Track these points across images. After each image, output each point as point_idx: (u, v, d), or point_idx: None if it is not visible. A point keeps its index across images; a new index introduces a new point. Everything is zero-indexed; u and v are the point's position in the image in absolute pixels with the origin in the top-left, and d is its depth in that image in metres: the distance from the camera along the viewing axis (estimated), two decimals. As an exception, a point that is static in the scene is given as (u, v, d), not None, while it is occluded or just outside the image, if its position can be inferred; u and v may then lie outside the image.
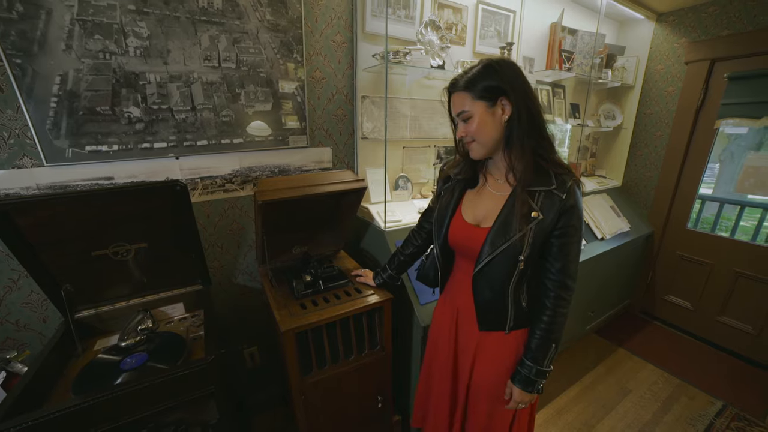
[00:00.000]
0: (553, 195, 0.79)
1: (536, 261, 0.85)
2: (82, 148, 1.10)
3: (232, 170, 1.38)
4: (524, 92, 0.79)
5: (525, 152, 0.80)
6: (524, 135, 0.79)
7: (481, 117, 0.80)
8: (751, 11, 1.91)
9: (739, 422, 1.72)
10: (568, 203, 0.79)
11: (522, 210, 0.80)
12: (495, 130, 0.81)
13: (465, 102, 0.82)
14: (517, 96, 0.78)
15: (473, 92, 0.80)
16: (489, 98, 0.79)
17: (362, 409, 1.31)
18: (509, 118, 0.79)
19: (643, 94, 2.48)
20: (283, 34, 1.31)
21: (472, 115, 0.81)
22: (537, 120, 0.80)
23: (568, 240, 0.81)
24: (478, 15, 1.77)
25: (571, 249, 0.82)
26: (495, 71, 0.79)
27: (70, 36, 0.98)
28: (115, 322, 1.18)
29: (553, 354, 0.87)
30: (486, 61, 0.81)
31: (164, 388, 0.87)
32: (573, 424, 1.73)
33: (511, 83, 0.78)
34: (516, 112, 0.78)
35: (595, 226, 2.14)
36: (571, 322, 2.14)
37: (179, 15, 1.13)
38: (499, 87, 0.78)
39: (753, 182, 1.99)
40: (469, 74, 0.81)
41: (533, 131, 0.80)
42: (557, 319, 0.85)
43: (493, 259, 0.84)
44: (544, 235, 0.81)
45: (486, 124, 0.81)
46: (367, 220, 1.56)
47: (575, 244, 0.83)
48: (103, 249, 1.08)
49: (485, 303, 0.91)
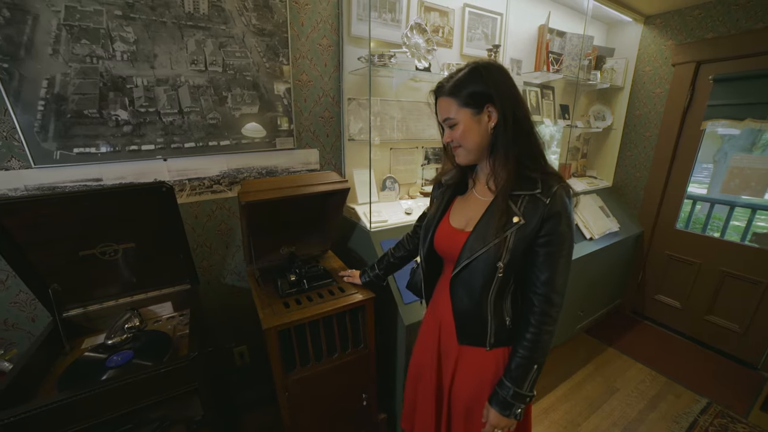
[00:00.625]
0: (537, 200, 0.75)
1: (520, 271, 0.81)
2: (70, 150, 1.12)
3: (219, 172, 1.40)
4: (512, 98, 0.77)
5: (509, 160, 0.78)
6: (509, 142, 0.77)
7: (467, 124, 0.78)
8: (734, 15, 1.94)
9: (722, 419, 1.74)
10: (553, 209, 0.74)
11: (501, 215, 0.77)
12: (481, 137, 0.79)
13: (451, 108, 0.79)
14: (504, 102, 0.76)
15: (459, 99, 0.78)
16: (475, 105, 0.77)
17: (347, 407, 1.33)
18: (495, 125, 0.77)
19: (632, 96, 2.51)
20: (269, 38, 1.34)
21: (458, 122, 0.79)
22: (524, 126, 0.78)
23: (554, 250, 0.76)
24: (464, 18, 1.79)
25: (557, 260, 0.77)
26: (482, 76, 0.76)
27: (57, 41, 1.01)
28: (103, 321, 1.19)
29: (535, 376, 0.80)
30: (473, 65, 0.78)
31: (147, 384, 0.89)
32: (559, 422, 1.75)
33: (498, 89, 0.76)
34: (502, 119, 0.76)
35: (584, 226, 2.16)
36: (561, 322, 2.14)
37: (165, 20, 1.16)
38: (486, 93, 0.76)
39: (738, 183, 2.01)
40: (455, 79, 0.79)
41: (519, 138, 0.77)
42: (542, 337, 0.79)
43: (471, 263, 0.81)
44: (526, 241, 0.77)
45: (471, 131, 0.79)
46: (354, 220, 1.59)
47: (563, 257, 0.77)
48: (91, 249, 1.10)
49: (463, 311, 0.87)
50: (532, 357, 0.79)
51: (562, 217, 0.75)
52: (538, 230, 0.76)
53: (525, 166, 0.78)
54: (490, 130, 0.78)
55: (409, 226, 1.52)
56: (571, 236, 0.77)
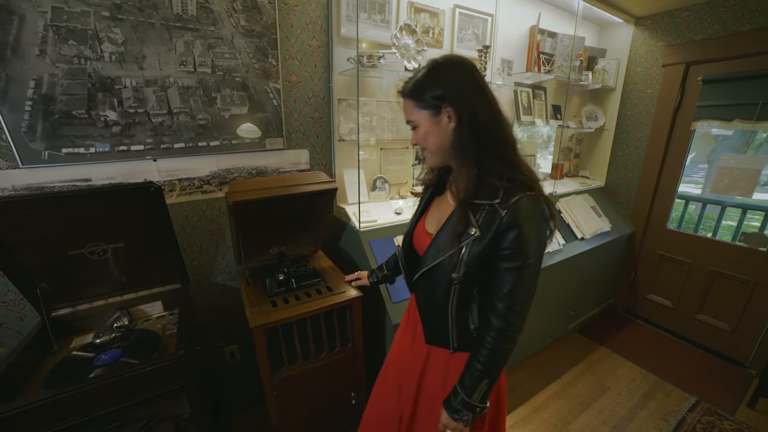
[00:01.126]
0: (495, 211, 0.71)
1: (482, 282, 0.77)
2: (59, 151, 1.13)
3: (209, 172, 1.41)
4: (473, 97, 0.72)
5: (466, 164, 0.74)
6: (466, 145, 0.73)
7: (426, 126, 0.76)
8: (722, 17, 1.95)
9: (710, 417, 1.75)
10: (511, 221, 0.69)
11: (458, 224, 0.74)
12: (442, 138, 0.76)
13: (411, 110, 0.78)
14: (460, 103, 0.72)
15: (416, 100, 0.75)
16: (432, 106, 0.74)
17: (336, 406, 1.34)
18: (455, 127, 0.74)
19: (624, 96, 2.53)
20: (258, 39, 1.35)
21: (418, 124, 0.77)
22: (489, 127, 0.73)
23: (513, 266, 0.71)
24: (455, 19, 1.80)
25: (516, 278, 0.71)
26: (439, 76, 0.73)
27: (44, 41, 1.01)
28: (93, 320, 1.20)
29: (485, 389, 0.77)
30: (431, 64, 0.76)
31: (133, 382, 0.90)
32: (549, 420, 1.76)
33: (455, 88, 0.72)
34: (459, 120, 0.72)
35: (575, 225, 2.17)
36: (552, 322, 2.18)
37: (154, 21, 1.16)
38: (442, 94, 0.72)
39: (727, 183, 2.03)
40: (414, 79, 0.76)
41: (481, 141, 0.72)
42: (497, 355, 0.75)
43: (431, 269, 0.81)
44: (484, 254, 0.73)
45: (432, 133, 0.76)
46: (344, 220, 1.60)
47: (524, 274, 0.71)
48: (79, 249, 1.11)
49: (427, 314, 0.87)
50: (485, 371, 0.76)
51: (523, 229, 0.70)
52: (496, 243, 0.72)
53: (489, 172, 0.73)
54: (450, 132, 0.74)
55: (399, 226, 1.54)
56: (535, 251, 0.72)
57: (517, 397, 1.89)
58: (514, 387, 1.96)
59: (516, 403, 1.85)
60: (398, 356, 1.04)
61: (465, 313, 0.81)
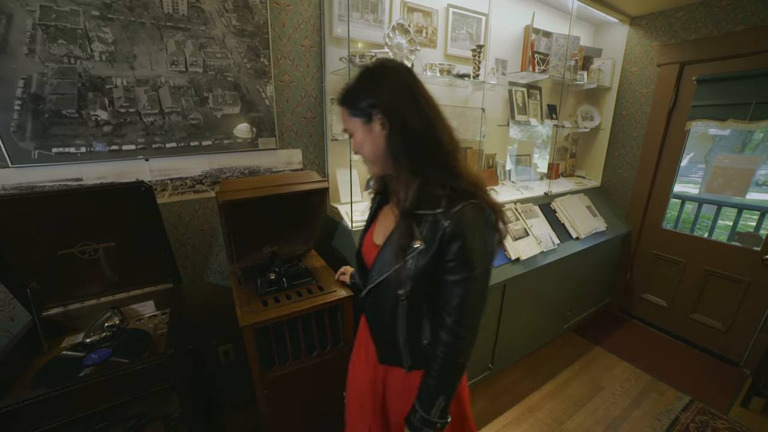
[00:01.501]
0: (438, 222, 0.67)
1: (432, 296, 0.74)
2: (49, 150, 1.13)
3: (201, 172, 1.41)
4: (404, 103, 0.69)
5: (403, 171, 0.71)
6: (399, 152, 0.70)
7: (360, 135, 0.74)
8: (716, 17, 1.96)
9: (703, 416, 1.76)
10: (455, 231, 0.66)
11: (401, 237, 0.71)
12: (376, 146, 0.73)
13: (345, 118, 0.76)
14: (391, 109, 0.69)
15: (349, 108, 0.74)
16: (363, 114, 0.71)
17: (327, 406, 1.34)
18: (387, 134, 0.70)
19: (620, 96, 2.53)
20: (249, 38, 1.35)
21: (353, 132, 0.76)
22: (420, 132, 0.69)
23: (459, 279, 0.68)
24: (448, 18, 1.81)
25: (464, 291, 0.69)
26: (369, 82, 0.71)
27: (33, 40, 1.01)
28: (84, 320, 1.20)
29: (443, 405, 0.74)
30: (362, 71, 0.74)
31: (122, 381, 0.90)
32: (543, 420, 1.76)
33: (387, 95, 0.69)
34: (390, 127, 0.69)
35: (570, 225, 2.18)
36: (548, 321, 2.18)
37: (144, 21, 1.16)
38: (372, 102, 0.70)
39: (721, 183, 2.03)
40: (346, 87, 0.75)
41: (412, 146, 0.69)
42: (450, 370, 0.73)
43: (378, 285, 0.78)
44: (430, 268, 0.70)
45: (366, 142, 0.74)
46: (337, 220, 1.60)
47: (471, 289, 0.69)
48: (70, 248, 1.11)
49: (377, 333, 0.84)
50: (439, 387, 0.73)
51: (467, 240, 0.66)
52: (441, 255, 0.69)
53: (430, 180, 0.69)
54: (383, 139, 0.71)
55: (392, 226, 1.54)
56: (481, 261, 0.69)
57: (511, 397, 1.89)
58: (509, 387, 1.96)
59: (510, 402, 1.85)
60: (354, 379, 1.00)
61: (417, 330, 0.77)
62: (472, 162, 2.09)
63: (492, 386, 1.95)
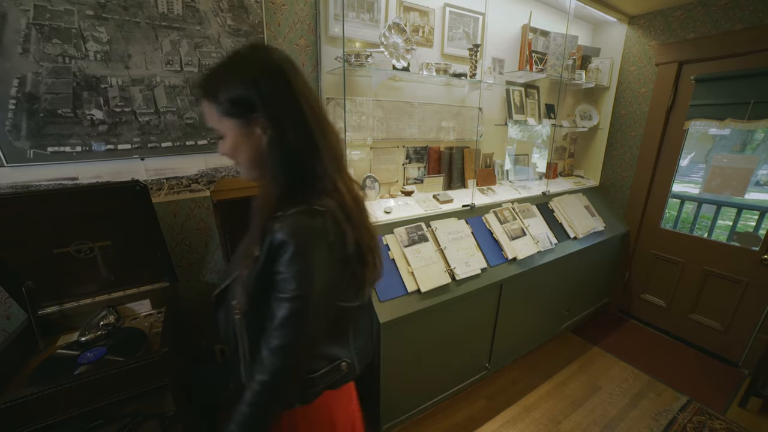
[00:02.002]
0: (272, 227, 0.59)
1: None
2: (44, 149, 1.13)
3: (197, 171, 1.41)
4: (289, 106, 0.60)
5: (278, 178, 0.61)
6: (283, 161, 0.60)
7: (235, 138, 0.62)
8: (714, 16, 1.95)
9: (701, 416, 1.75)
10: (278, 238, 0.57)
11: (248, 242, 0.64)
12: (255, 152, 0.62)
13: (212, 116, 0.62)
14: (275, 113, 0.59)
15: (218, 105, 0.60)
16: (240, 114, 0.59)
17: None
18: (269, 141, 0.60)
19: (618, 95, 2.52)
20: (245, 38, 1.35)
21: (224, 135, 0.63)
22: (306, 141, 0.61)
23: (278, 296, 0.58)
24: (445, 17, 1.80)
25: (288, 312, 0.57)
26: (247, 74, 0.59)
27: (27, 40, 1.02)
28: (80, 318, 1.20)
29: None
30: (234, 57, 0.61)
31: (117, 380, 0.90)
32: (540, 420, 1.76)
33: (269, 93, 0.58)
34: (271, 134, 0.59)
35: (568, 225, 2.17)
36: (546, 321, 2.18)
37: (139, 20, 1.17)
38: (251, 100, 0.58)
39: (719, 182, 2.03)
40: (213, 75, 0.61)
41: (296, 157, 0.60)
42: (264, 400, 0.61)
43: (221, 293, 0.71)
44: (262, 279, 0.61)
45: (242, 146, 0.62)
46: (334, 219, 1.60)
47: (296, 311, 0.57)
48: (65, 247, 1.11)
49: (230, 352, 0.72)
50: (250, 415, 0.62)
51: (288, 250, 0.56)
52: (272, 266, 0.59)
53: (299, 185, 0.61)
54: (265, 146, 0.61)
55: (389, 225, 1.54)
56: (308, 282, 0.57)
57: (508, 397, 1.89)
58: (506, 386, 1.96)
59: (507, 402, 1.85)
60: None
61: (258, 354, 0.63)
62: (469, 161, 2.09)
63: (489, 386, 1.95)
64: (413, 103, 1.83)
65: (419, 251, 1.52)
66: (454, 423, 1.72)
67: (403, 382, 1.51)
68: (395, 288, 1.39)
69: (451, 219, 1.71)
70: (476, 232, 1.75)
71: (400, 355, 1.44)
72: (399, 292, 1.39)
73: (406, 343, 1.44)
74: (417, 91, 1.84)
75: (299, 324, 0.59)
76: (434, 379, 1.66)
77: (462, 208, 1.79)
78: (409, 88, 1.81)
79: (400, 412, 1.58)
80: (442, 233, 1.62)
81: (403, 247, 1.50)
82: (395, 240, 1.51)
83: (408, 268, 1.46)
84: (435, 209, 1.73)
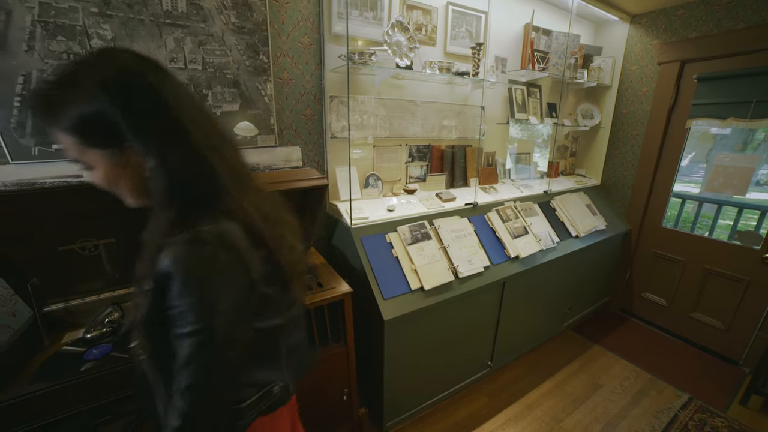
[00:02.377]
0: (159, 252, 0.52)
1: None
2: (49, 147, 1.13)
3: (201, 168, 1.41)
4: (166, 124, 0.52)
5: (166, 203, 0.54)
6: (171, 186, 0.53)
7: (108, 171, 0.53)
8: (716, 14, 1.95)
9: (702, 414, 1.76)
10: (163, 270, 0.50)
11: (136, 282, 0.56)
12: (140, 181, 0.54)
13: (70, 147, 0.52)
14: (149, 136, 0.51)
15: (76, 135, 0.50)
16: (105, 144, 0.51)
17: (327, 402, 1.35)
18: (152, 167, 0.52)
19: (620, 94, 2.52)
20: (248, 36, 1.35)
21: (92, 167, 0.54)
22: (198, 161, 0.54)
23: (177, 333, 0.51)
24: (448, 16, 1.80)
25: (189, 349, 0.50)
26: (93, 84, 0.48)
27: (32, 37, 1.02)
28: (86, 315, 1.20)
29: None
30: (75, 66, 0.50)
31: (121, 376, 0.91)
32: (542, 418, 1.76)
33: (132, 108, 0.49)
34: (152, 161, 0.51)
35: (569, 223, 2.18)
36: (547, 319, 2.19)
37: (143, 18, 1.16)
38: (109, 120, 0.49)
39: (721, 181, 2.03)
40: (58, 96, 0.49)
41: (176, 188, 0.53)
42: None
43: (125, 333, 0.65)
44: (155, 314, 0.53)
45: (119, 178, 0.55)
46: (336, 217, 1.60)
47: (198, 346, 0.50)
48: (70, 244, 1.11)
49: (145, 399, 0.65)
50: None
51: (176, 281, 0.49)
52: (161, 301, 0.52)
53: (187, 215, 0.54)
54: (147, 172, 0.53)
55: (391, 223, 1.55)
56: (207, 308, 0.50)
57: (510, 395, 1.89)
58: (508, 384, 1.96)
59: (509, 400, 1.86)
60: None
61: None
62: (472, 160, 2.09)
63: (491, 384, 1.96)
64: (416, 101, 1.83)
65: (422, 249, 1.52)
66: (456, 421, 1.72)
67: (406, 380, 1.51)
68: (399, 286, 1.40)
69: (453, 217, 1.72)
70: (479, 230, 1.75)
71: (404, 353, 1.44)
72: (402, 289, 1.40)
73: (410, 341, 1.45)
74: (420, 89, 1.84)
75: (207, 358, 0.52)
76: (437, 377, 1.67)
77: (464, 206, 1.79)
78: (411, 87, 1.81)
79: (402, 410, 1.59)
80: (445, 231, 1.63)
81: (406, 245, 1.50)
82: (398, 238, 1.51)
83: (411, 265, 1.46)
84: (438, 207, 1.74)
